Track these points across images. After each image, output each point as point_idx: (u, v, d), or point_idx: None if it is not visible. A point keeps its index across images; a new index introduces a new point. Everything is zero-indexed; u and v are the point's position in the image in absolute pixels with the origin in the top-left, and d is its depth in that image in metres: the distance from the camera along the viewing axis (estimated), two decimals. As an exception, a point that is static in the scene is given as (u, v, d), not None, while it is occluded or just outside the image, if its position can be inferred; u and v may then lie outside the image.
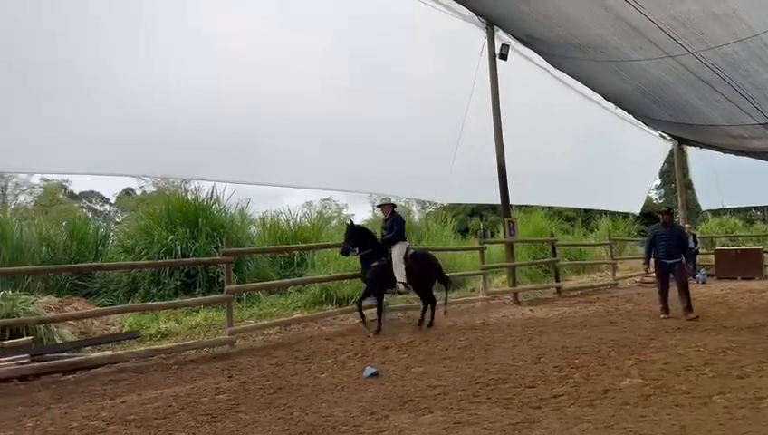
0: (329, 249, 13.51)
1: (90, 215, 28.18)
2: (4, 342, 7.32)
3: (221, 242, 12.07)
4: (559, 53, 11.96)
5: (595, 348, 6.80)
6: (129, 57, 8.82)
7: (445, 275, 9.70)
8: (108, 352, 7.76)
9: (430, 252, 10.14)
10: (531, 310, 10.90)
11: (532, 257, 17.21)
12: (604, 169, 16.74)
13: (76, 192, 34.06)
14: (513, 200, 13.30)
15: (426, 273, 9.17)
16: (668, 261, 9.21)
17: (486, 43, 12.60)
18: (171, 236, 12.63)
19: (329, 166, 11.82)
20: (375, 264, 8.81)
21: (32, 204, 30.16)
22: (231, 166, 10.72)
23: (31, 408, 5.22)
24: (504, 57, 12.45)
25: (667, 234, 9.27)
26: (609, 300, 12.11)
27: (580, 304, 11.51)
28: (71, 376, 6.64)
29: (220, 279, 11.66)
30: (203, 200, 14.17)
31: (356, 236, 8.97)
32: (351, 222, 9.58)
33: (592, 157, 16.40)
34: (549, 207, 22.35)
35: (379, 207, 9.86)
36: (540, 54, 13.00)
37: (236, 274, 11.30)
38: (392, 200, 9.62)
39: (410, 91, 12.15)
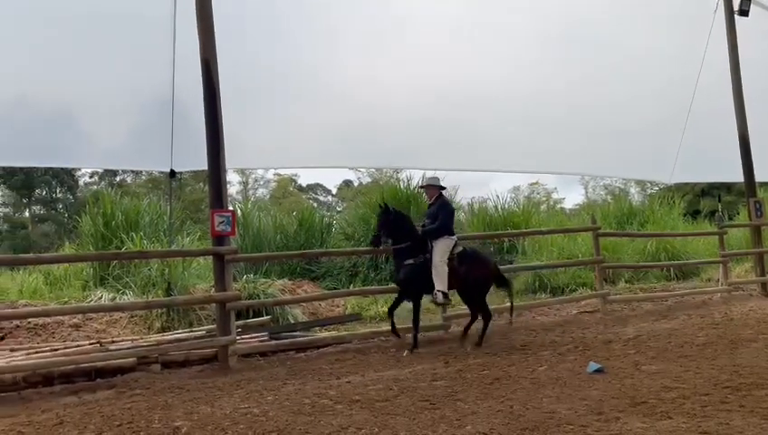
0: (540, 236, 13.09)
1: (315, 205, 30.85)
2: (248, 320, 8.22)
3: (432, 229, 12.31)
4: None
5: None
6: (342, 56, 9.34)
7: (504, 278, 7.79)
8: (334, 333, 8.35)
9: (484, 251, 8.23)
10: (786, 303, 9.35)
11: (784, 242, 14.79)
12: None
13: (303, 185, 37.60)
14: (758, 177, 11.49)
15: (475, 277, 7.20)
16: None
17: (722, -1, 11.02)
18: (386, 224, 13.19)
19: (538, 148, 11.33)
20: (410, 261, 7.10)
21: (267, 197, 33.99)
22: (440, 154, 10.82)
23: (270, 382, 5.74)
24: (744, 13, 10.77)
25: None
26: None
27: None
28: (302, 354, 7.24)
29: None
30: (414, 189, 14.58)
31: (391, 223, 7.20)
32: (386, 205, 7.51)
33: None
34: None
35: (422, 187, 7.73)
36: (792, 3, 11.04)
37: (447, 260, 11.40)
38: (441, 181, 7.59)
39: (628, 61, 11.10)
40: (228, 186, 8.16)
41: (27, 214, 36.06)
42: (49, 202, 36.55)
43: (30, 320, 8.24)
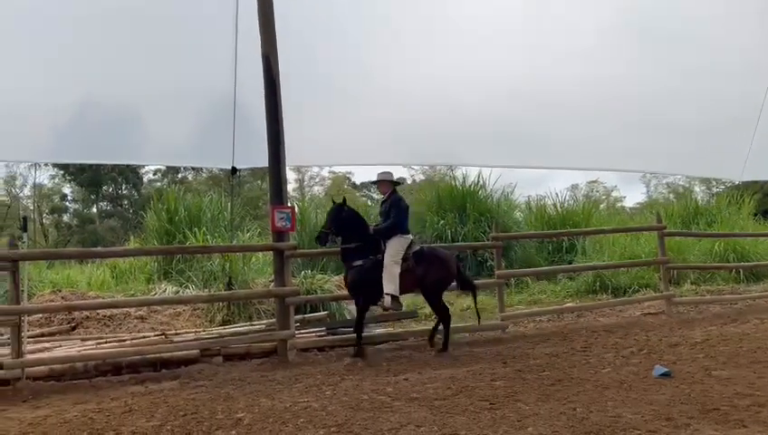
0: (602, 235, 12.75)
1: (369, 203, 31.00)
2: (306, 315, 8.33)
3: (488, 227, 12.17)
4: None
5: None
6: (399, 54, 9.30)
7: (468, 280, 7.41)
8: (390, 330, 8.36)
9: (444, 250, 7.60)
10: None
11: None
12: None
13: (357, 183, 37.90)
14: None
15: (432, 278, 6.79)
16: None
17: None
18: (441, 222, 13.15)
19: (599, 145, 10.99)
20: (358, 263, 6.65)
21: (323, 194, 34.42)
22: (496, 151, 10.65)
23: (328, 377, 5.80)
24: (823, 1, 10.18)
25: None
26: None
27: None
28: (359, 350, 7.27)
29: (488, 263, 11.78)
30: (470, 186, 14.46)
31: (341, 221, 6.73)
32: (341, 202, 7.02)
33: None
34: None
35: (374, 183, 7.32)
36: None
37: (504, 259, 11.25)
38: (395, 175, 7.15)
39: (698, 56, 10.62)
40: (286, 183, 8.26)
41: (95, 209, 37.64)
42: (115, 198, 38.03)
43: (99, 311, 8.60)
